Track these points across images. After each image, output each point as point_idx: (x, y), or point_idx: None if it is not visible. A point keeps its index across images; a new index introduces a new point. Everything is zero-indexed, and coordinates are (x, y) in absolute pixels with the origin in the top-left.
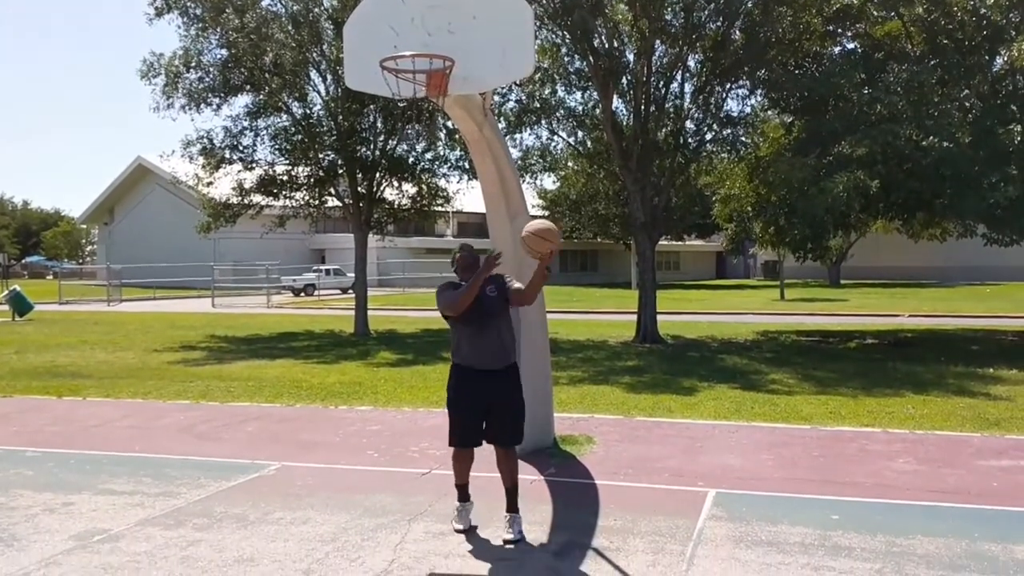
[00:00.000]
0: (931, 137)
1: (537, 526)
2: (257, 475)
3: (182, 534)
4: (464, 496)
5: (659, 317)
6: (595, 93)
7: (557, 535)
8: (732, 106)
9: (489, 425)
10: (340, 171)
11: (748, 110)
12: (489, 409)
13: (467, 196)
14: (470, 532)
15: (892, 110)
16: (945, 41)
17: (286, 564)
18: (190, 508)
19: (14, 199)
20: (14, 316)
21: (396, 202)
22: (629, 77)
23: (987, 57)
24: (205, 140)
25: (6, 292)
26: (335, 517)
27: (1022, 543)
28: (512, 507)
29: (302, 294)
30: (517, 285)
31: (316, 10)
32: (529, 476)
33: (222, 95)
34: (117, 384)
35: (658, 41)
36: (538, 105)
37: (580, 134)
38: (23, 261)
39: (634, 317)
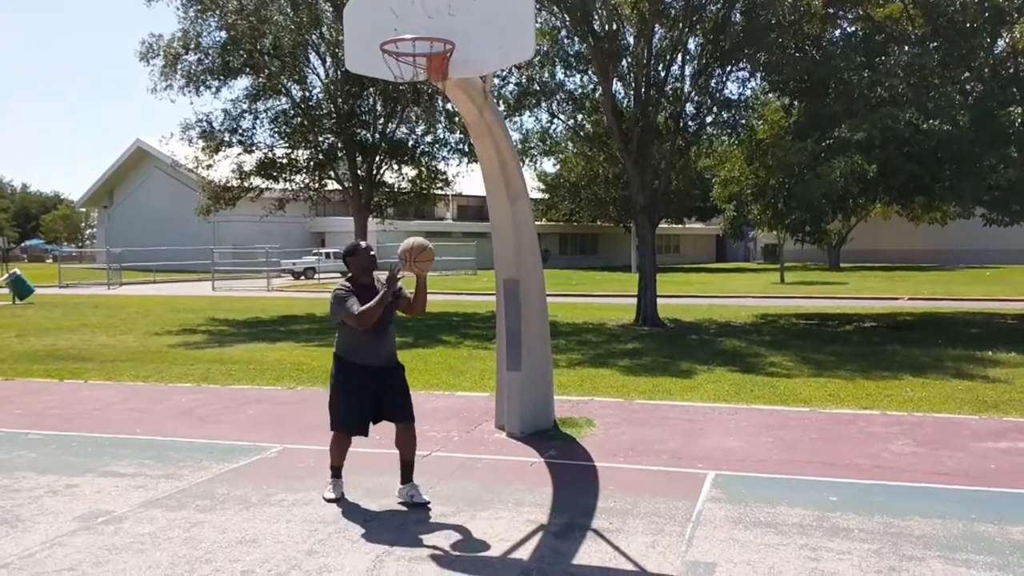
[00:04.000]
0: (931, 120)
1: (537, 508)
2: (259, 457)
3: (185, 515)
4: (337, 474)
5: (659, 300)
6: (595, 76)
7: (557, 516)
8: (732, 89)
9: (385, 407)
10: (340, 154)
11: (748, 93)
12: (381, 394)
13: (467, 179)
14: (461, 514)
15: (892, 93)
16: (946, 23)
17: (288, 545)
18: (193, 490)
19: (13, 182)
20: (14, 299)
21: (396, 185)
22: (629, 60)
23: (988, 39)
24: (204, 123)
25: (6, 275)
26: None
27: (1019, 524)
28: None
29: (302, 277)
30: (408, 293)
31: None
32: (529, 458)
33: (221, 77)
34: (118, 367)
35: (658, 24)
36: (538, 88)
37: (580, 117)
38: (22, 245)
39: (634, 300)
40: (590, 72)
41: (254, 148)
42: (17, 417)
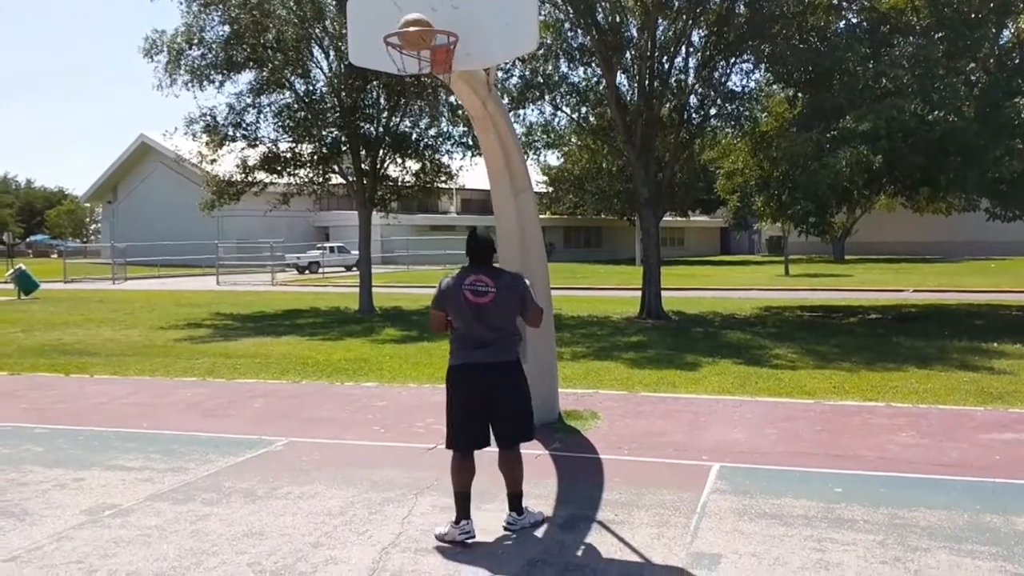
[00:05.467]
0: (936, 111)
1: (543, 500)
2: (265, 451)
3: (192, 508)
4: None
5: (663, 293)
6: (598, 68)
7: (562, 508)
8: (736, 81)
9: None
10: (344, 148)
11: (752, 85)
12: None
13: (470, 172)
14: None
15: (897, 84)
16: (951, 14)
17: (295, 537)
18: (199, 483)
19: (17, 178)
20: (20, 295)
21: (400, 179)
22: (632, 52)
23: (994, 30)
24: (208, 117)
25: (11, 271)
26: (342, 491)
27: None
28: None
29: (306, 272)
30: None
31: None
32: (534, 451)
33: (225, 72)
34: (124, 361)
35: (661, 16)
36: (541, 81)
37: (583, 110)
38: (27, 240)
39: (638, 293)
40: (594, 65)
41: (258, 142)
42: (24, 411)
